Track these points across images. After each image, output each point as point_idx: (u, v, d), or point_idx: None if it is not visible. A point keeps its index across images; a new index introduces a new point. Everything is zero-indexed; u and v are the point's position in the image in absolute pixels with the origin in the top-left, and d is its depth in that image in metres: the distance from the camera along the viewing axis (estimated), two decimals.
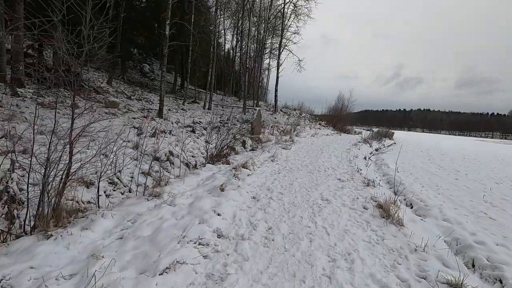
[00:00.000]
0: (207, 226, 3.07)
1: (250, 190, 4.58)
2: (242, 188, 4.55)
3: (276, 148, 9.44)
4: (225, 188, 4.25)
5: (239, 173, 5.24)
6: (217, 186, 4.30)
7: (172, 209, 3.46)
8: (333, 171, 7.02)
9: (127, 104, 14.14)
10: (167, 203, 3.63)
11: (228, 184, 4.51)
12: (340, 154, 10.25)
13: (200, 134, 11.36)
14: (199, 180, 5.04)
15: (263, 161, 7.11)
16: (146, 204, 3.61)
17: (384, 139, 19.69)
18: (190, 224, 3.03)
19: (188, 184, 4.73)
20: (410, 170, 9.10)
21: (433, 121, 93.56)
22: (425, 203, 5.38)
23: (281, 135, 15.11)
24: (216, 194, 4.08)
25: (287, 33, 23.47)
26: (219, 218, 3.35)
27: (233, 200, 3.96)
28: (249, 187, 4.72)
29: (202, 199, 3.77)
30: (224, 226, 3.19)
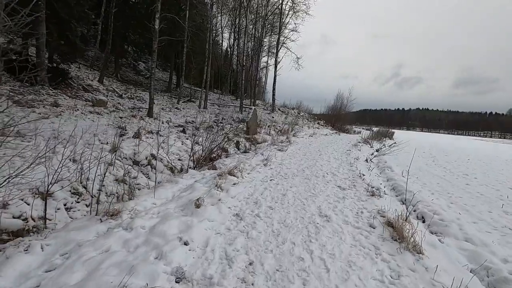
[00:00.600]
0: (164, 263, 2.24)
1: (233, 205, 3.74)
2: (224, 202, 3.71)
3: (271, 150, 8.61)
4: (202, 204, 3.42)
5: (223, 182, 4.41)
6: (193, 201, 3.47)
7: (126, 236, 2.64)
8: (332, 177, 6.19)
9: (117, 103, 13.32)
10: (123, 227, 2.80)
11: (207, 198, 3.68)
12: (340, 156, 9.42)
13: (191, 134, 10.54)
14: (175, 190, 4.21)
15: (255, 165, 6.28)
16: (97, 228, 2.78)
17: (385, 139, 18.87)
18: (142, 261, 2.21)
19: (160, 196, 3.90)
20: (416, 173, 8.28)
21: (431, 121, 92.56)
22: (440, 216, 4.56)
23: (278, 135, 14.28)
24: (190, 212, 3.25)
25: (285, 31, 22.59)
26: (185, 249, 2.52)
27: (209, 221, 3.13)
28: (233, 201, 3.89)
29: (169, 220, 2.94)
30: (189, 263, 2.36)
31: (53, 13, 11.84)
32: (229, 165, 6.13)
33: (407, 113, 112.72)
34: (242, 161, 6.59)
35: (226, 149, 9.67)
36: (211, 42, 17.98)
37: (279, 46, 22.39)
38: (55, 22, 12.21)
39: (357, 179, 6.18)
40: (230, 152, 9.41)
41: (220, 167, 6.05)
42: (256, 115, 13.58)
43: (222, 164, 6.37)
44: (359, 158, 9.30)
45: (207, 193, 3.89)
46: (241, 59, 20.47)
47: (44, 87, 10.74)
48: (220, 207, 3.49)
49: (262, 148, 9.25)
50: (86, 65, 18.62)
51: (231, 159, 7.24)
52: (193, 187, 4.19)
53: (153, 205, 3.54)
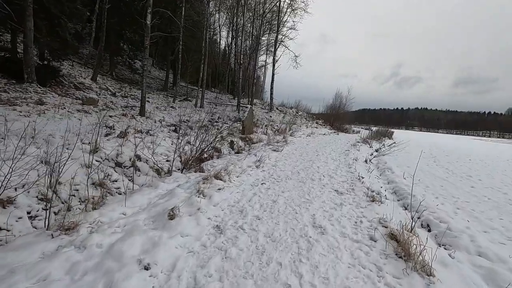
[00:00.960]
0: None
1: (214, 215, 3.25)
2: (204, 211, 3.22)
3: (266, 150, 8.12)
4: (177, 214, 2.93)
5: (206, 187, 3.92)
6: (168, 210, 2.98)
7: (75, 257, 2.14)
8: (329, 180, 5.70)
9: (110, 101, 12.82)
10: (75, 245, 2.30)
11: (185, 206, 3.19)
12: (338, 156, 8.93)
13: (183, 134, 10.06)
14: (152, 197, 3.72)
15: (246, 167, 5.79)
16: (44, 246, 2.29)
17: (384, 138, 18.38)
18: None
19: (134, 204, 3.41)
20: (418, 175, 7.78)
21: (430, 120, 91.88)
22: (448, 225, 4.08)
23: (274, 134, 13.78)
24: (161, 225, 2.77)
25: (283, 29, 22.07)
26: (143, 275, 2.03)
27: (182, 236, 2.64)
28: (215, 209, 3.39)
29: (133, 236, 2.45)
30: None
31: (42, 8, 11.33)
32: (218, 167, 5.64)
33: (406, 113, 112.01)
34: (233, 163, 6.11)
35: (219, 149, 9.18)
36: (207, 40, 17.46)
37: (277, 44, 21.88)
38: (44, 18, 11.70)
39: (356, 182, 5.69)
40: (224, 152, 8.92)
41: (208, 169, 5.56)
42: (252, 114, 13.09)
43: (211, 166, 5.87)
44: (358, 158, 8.81)
45: (186, 200, 3.40)
46: (239, 57, 19.97)
47: (32, 85, 10.24)
48: (199, 218, 3.00)
49: (257, 148, 8.76)
50: (80, 63, 18.12)
51: (222, 160, 6.75)
52: (173, 193, 3.69)
53: (121, 215, 3.05)
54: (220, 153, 9.10)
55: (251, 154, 7.08)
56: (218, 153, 9.12)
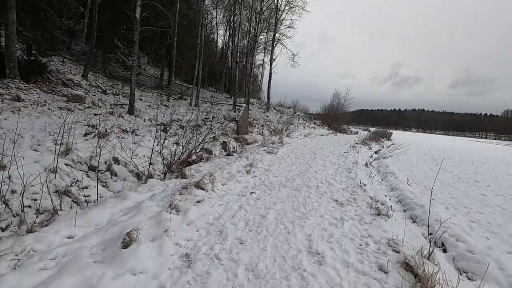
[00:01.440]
0: None
1: (186, 238, 2.57)
2: (173, 234, 2.54)
3: (259, 153, 7.45)
4: (135, 239, 2.26)
5: (183, 199, 3.25)
6: (124, 234, 2.31)
7: None
8: (328, 187, 5.04)
9: (99, 99, 12.11)
10: None
11: (151, 226, 2.52)
12: (337, 159, 8.27)
13: (173, 134, 9.38)
14: (115, 212, 3.04)
15: (235, 172, 5.12)
16: None
17: (383, 139, 17.78)
18: None
19: (88, 222, 2.73)
20: (423, 181, 7.15)
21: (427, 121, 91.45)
22: (466, 245, 3.43)
23: (271, 135, 13.12)
24: (111, 255, 2.09)
25: (281, 27, 21.40)
26: None
27: (134, 273, 1.96)
28: (188, 230, 2.72)
29: (64, 275, 1.78)
30: None
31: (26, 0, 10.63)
32: (204, 172, 4.97)
33: (403, 114, 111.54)
34: (221, 167, 5.43)
35: (210, 150, 8.51)
36: (203, 37, 16.76)
37: (274, 43, 21.22)
38: (28, 10, 10.98)
39: (358, 190, 5.03)
40: (216, 154, 8.25)
41: (192, 174, 4.88)
42: (247, 114, 12.41)
43: (196, 171, 5.19)
44: (358, 162, 8.16)
45: (154, 217, 2.73)
46: (236, 56, 19.28)
47: (15, 81, 9.53)
48: (163, 244, 2.32)
49: (250, 150, 8.09)
50: (72, 60, 17.36)
51: (210, 163, 6.07)
52: (140, 207, 3.02)
53: (66, 239, 2.37)
54: (211, 154, 8.43)
55: (243, 157, 6.40)
56: (209, 154, 8.46)
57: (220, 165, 5.55)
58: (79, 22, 19.34)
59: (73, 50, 19.44)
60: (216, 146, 9.23)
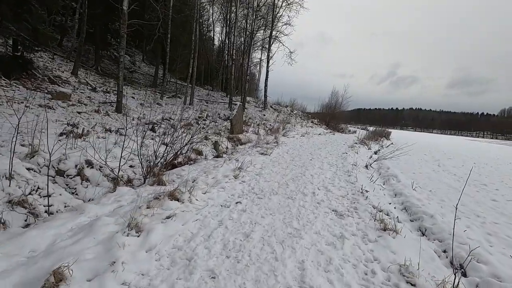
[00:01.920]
0: None
1: (139, 272, 1.94)
2: (122, 267, 1.93)
3: (252, 154, 6.83)
4: (67, 279, 1.65)
5: (150, 214, 2.63)
6: (50, 274, 1.69)
7: None
8: (326, 194, 4.43)
9: (87, 97, 11.46)
10: None
11: (94, 257, 1.90)
12: (335, 161, 7.67)
13: (162, 133, 8.74)
14: (62, 232, 2.41)
15: (222, 177, 4.50)
16: None
17: (382, 139, 17.20)
18: None
19: (18, 249, 2.10)
20: (427, 184, 6.56)
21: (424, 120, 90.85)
22: (489, 267, 2.84)
23: (266, 134, 12.50)
24: None
25: (278, 24, 20.73)
26: None
27: None
28: (145, 259, 2.09)
29: None
30: None
31: None
32: (187, 177, 4.34)
33: (400, 113, 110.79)
34: (207, 170, 4.81)
35: (201, 151, 7.89)
36: (197, 33, 16.09)
37: (271, 40, 20.55)
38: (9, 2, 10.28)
39: (359, 197, 4.42)
40: (207, 155, 7.63)
41: (173, 180, 4.26)
42: (242, 112, 11.78)
43: (177, 176, 4.57)
44: (358, 163, 7.56)
45: (106, 241, 2.11)
46: (232, 53, 18.62)
47: None
48: (103, 285, 1.71)
49: (242, 150, 7.47)
50: (63, 56, 16.63)
51: (196, 166, 5.44)
52: (93, 227, 2.39)
53: None
54: (201, 155, 7.81)
55: (232, 159, 5.77)
56: (199, 156, 7.84)
57: (206, 169, 4.93)
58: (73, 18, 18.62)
59: (65, 47, 18.71)
60: (207, 146, 8.61)
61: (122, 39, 9.51)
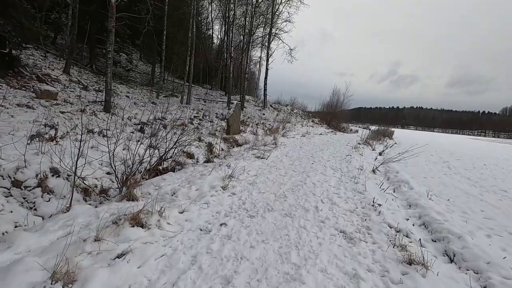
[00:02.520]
0: None
1: None
2: None
3: (247, 158, 6.07)
4: None
5: (94, 252, 1.88)
6: None
7: None
8: (331, 209, 3.67)
9: (77, 96, 10.73)
10: None
11: None
12: (339, 164, 6.89)
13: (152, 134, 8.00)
14: None
15: (207, 188, 3.74)
16: None
17: (385, 139, 16.39)
18: None
19: None
20: (443, 192, 5.78)
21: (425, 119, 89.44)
22: None
23: (265, 134, 11.74)
24: None
25: (278, 21, 19.90)
26: None
27: None
28: None
29: None
30: None
31: None
32: (166, 188, 3.59)
33: (401, 112, 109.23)
34: (191, 180, 4.05)
35: (192, 154, 7.14)
36: (194, 30, 15.33)
37: (271, 37, 19.74)
38: None
39: (370, 212, 3.66)
40: (199, 158, 6.88)
41: (148, 193, 3.50)
42: (239, 111, 11.02)
43: (157, 187, 3.80)
44: (364, 167, 6.79)
45: None
46: (230, 49, 17.84)
47: None
48: None
49: (237, 154, 6.71)
50: (56, 54, 15.89)
51: (181, 173, 4.68)
52: (8, 277, 1.65)
53: None
54: (193, 158, 7.06)
55: (224, 165, 5.01)
56: (191, 158, 7.09)
57: (192, 177, 4.18)
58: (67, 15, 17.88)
59: (59, 45, 17.97)
60: (200, 148, 7.86)
61: (110, 34, 8.75)
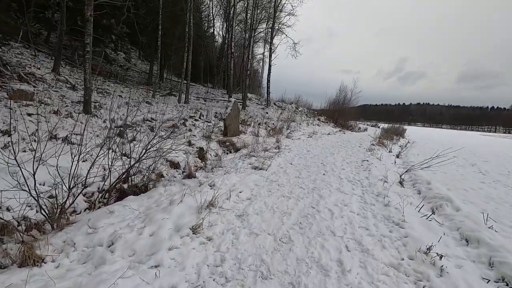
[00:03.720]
0: None
1: None
2: None
3: (241, 169, 4.68)
4: None
5: None
6: None
7: None
8: (363, 265, 2.24)
9: (61, 95, 9.48)
10: None
11: None
12: (357, 174, 5.43)
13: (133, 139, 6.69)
14: None
15: (170, 231, 2.34)
16: None
17: (398, 137, 14.79)
18: None
19: None
20: (499, 212, 4.28)
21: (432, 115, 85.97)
22: None
23: (268, 135, 10.33)
24: None
25: (281, 14, 18.36)
26: None
27: None
28: None
29: None
30: None
31: None
32: (98, 237, 2.24)
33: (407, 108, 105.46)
34: (150, 214, 2.68)
35: (178, 164, 5.77)
36: (191, 24, 13.96)
37: (273, 32, 18.24)
38: None
39: (425, 269, 2.24)
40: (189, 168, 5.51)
41: (73, 243, 2.13)
42: (237, 110, 9.63)
43: (93, 229, 2.44)
44: (387, 177, 5.32)
45: None
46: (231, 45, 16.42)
47: None
48: None
49: (230, 163, 5.31)
50: (49, 53, 14.70)
51: (143, 199, 3.30)
52: None
53: None
54: (178, 168, 5.71)
55: (206, 184, 3.61)
56: (176, 168, 5.75)
57: (153, 208, 2.80)
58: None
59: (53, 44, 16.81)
60: (190, 155, 6.50)
61: (88, 23, 7.43)
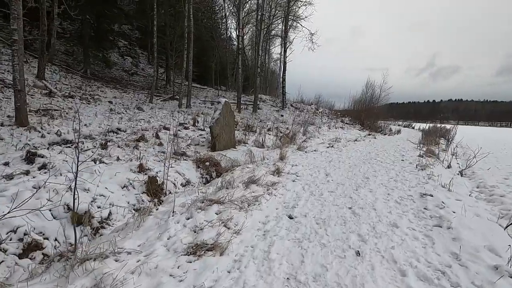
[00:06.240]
0: None
1: None
2: None
3: (148, 261, 2.13)
4: None
5: None
6: None
7: None
8: None
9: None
10: None
11: None
12: (425, 244, 2.60)
13: (44, 166, 4.38)
14: None
15: None
16: None
17: (443, 141, 11.28)
18: None
19: None
20: None
21: (466, 112, 76.45)
22: None
23: (274, 146, 7.63)
24: None
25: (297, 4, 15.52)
26: None
27: None
28: None
29: None
30: None
31: None
32: None
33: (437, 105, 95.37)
34: None
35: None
36: (191, 17, 11.70)
37: (287, 26, 15.48)
38: None
39: None
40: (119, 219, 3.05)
41: None
42: (230, 114, 7.01)
43: None
44: (486, 245, 2.42)
45: None
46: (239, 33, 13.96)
47: None
48: None
49: (147, 233, 2.74)
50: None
51: None
52: None
53: None
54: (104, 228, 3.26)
55: None
56: (106, 223, 3.31)
57: None
58: None
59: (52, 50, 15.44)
60: (132, 191, 3.99)
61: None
